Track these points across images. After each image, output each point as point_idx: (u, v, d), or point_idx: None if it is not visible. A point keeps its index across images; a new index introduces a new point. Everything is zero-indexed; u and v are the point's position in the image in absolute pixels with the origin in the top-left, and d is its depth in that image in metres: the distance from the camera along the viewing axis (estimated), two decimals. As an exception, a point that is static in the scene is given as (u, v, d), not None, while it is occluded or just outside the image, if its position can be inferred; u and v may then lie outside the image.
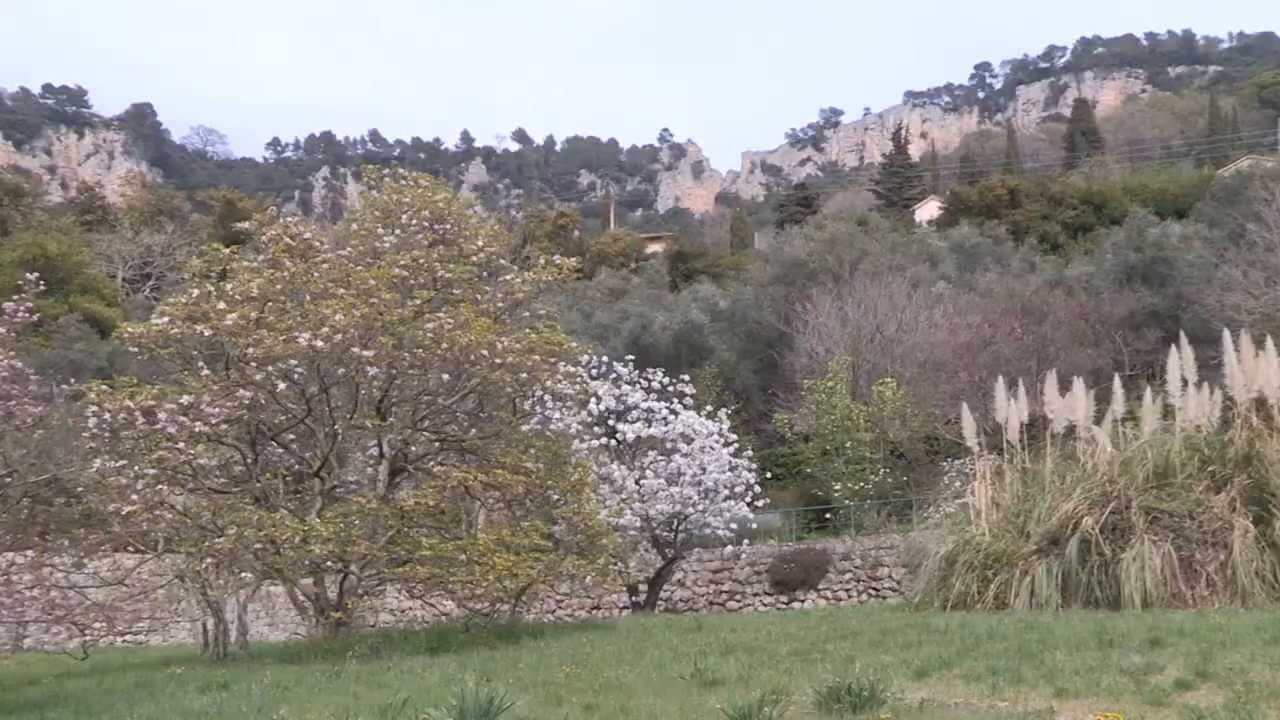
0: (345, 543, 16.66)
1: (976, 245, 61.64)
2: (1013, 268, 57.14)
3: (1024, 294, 48.44)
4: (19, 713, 12.90)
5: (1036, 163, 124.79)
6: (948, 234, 65.00)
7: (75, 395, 18.91)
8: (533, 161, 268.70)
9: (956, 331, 44.80)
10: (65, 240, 71.86)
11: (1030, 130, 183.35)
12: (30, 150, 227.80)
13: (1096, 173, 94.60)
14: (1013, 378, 22.28)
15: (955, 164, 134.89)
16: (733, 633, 14.95)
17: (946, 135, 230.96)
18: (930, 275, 54.19)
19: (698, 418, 25.16)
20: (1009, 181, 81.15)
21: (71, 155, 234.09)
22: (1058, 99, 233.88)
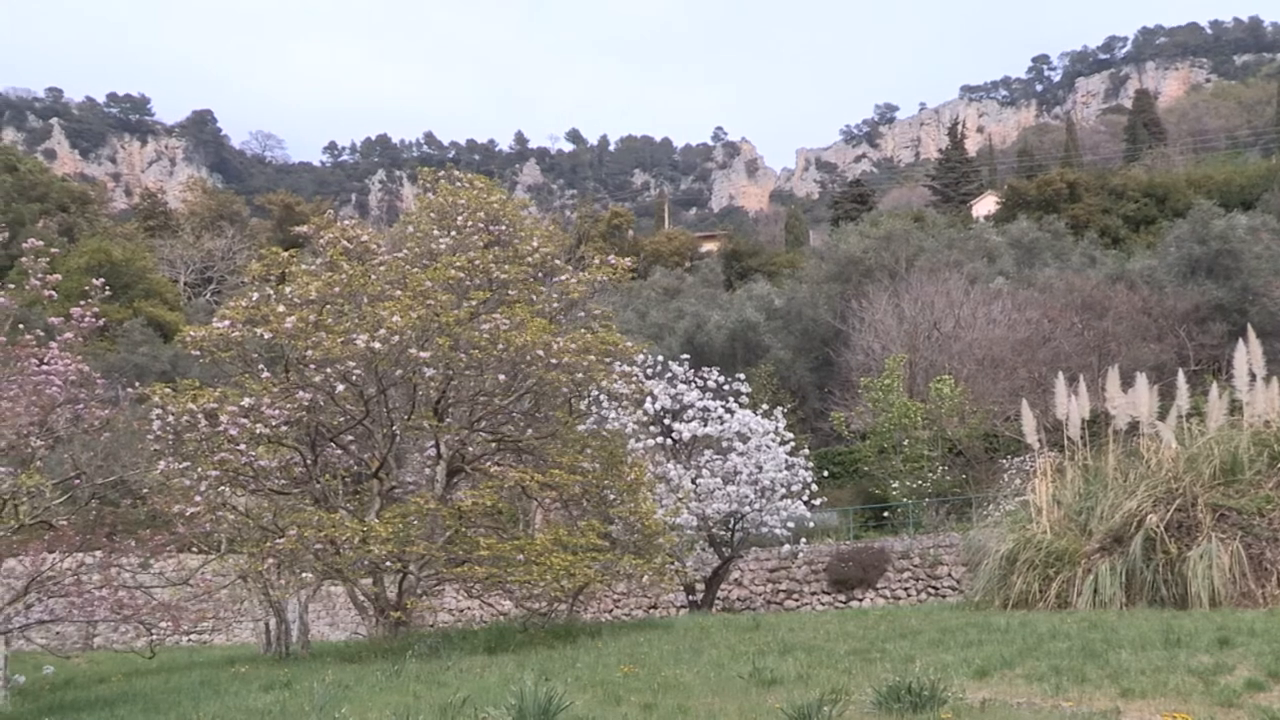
0: (404, 543, 16.78)
1: (1035, 240, 60.88)
2: (1072, 262, 56.38)
3: (1084, 289, 47.75)
4: (91, 709, 13.13)
5: (1096, 156, 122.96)
6: (1005, 229, 64.26)
7: (140, 398, 19.21)
8: (586, 161, 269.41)
9: (1015, 327, 44.27)
10: (129, 246, 73.13)
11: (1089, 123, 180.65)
12: (96, 158, 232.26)
13: (1159, 165, 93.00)
14: (1073, 374, 21.98)
15: (1012, 158, 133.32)
16: (791, 632, 14.86)
17: (1004, 129, 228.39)
18: (988, 271, 53.61)
19: (753, 416, 25.04)
20: (1068, 175, 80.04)
21: (135, 162, 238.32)
22: (1118, 90, 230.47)
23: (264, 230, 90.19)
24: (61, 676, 17.56)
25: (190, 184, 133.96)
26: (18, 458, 14.79)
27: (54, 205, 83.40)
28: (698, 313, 54.66)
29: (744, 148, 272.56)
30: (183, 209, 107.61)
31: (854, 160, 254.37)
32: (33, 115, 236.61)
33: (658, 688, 9.93)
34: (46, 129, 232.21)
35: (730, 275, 74.51)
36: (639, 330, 47.21)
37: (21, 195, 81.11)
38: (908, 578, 30.45)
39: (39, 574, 13.26)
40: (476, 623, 27.22)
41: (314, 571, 18.05)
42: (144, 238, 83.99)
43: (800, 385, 49.81)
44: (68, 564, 13.71)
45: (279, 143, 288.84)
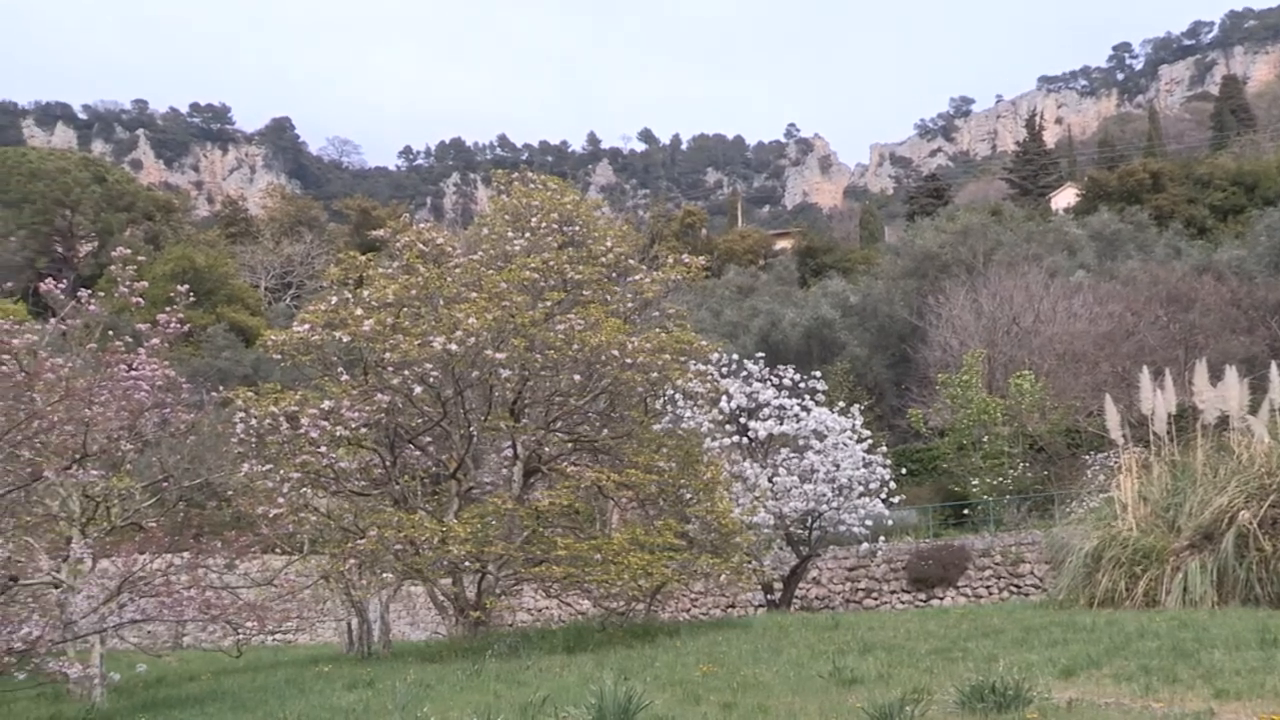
0: (482, 543, 16.90)
1: (1117, 232, 59.70)
2: (1156, 254, 55.19)
3: (1169, 280, 46.70)
4: (181, 706, 13.41)
5: (1181, 144, 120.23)
6: (1086, 221, 63.11)
7: (223, 402, 19.58)
8: (659, 161, 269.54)
9: (1097, 321, 43.44)
10: (212, 252, 74.61)
11: (1174, 111, 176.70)
12: (179, 167, 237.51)
13: (1248, 152, 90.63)
14: (1158, 367, 21.52)
15: (1093, 149, 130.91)
16: (870, 631, 14.73)
17: (1083, 120, 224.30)
18: (1068, 264, 52.68)
19: (830, 414, 24.85)
20: (1151, 165, 78.38)
21: (216, 170, 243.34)
22: (1204, 77, 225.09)
23: (341, 235, 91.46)
24: (154, 674, 17.95)
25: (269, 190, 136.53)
26: (109, 461, 15.16)
27: (140, 214, 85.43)
28: (772, 310, 54.39)
29: (817, 144, 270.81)
30: (262, 215, 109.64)
31: (929, 154, 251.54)
32: (120, 127, 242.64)
33: (737, 687, 9.89)
34: (133, 140, 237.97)
35: (805, 272, 74.07)
36: (713, 329, 47.10)
37: (110, 205, 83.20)
38: (989, 576, 30.00)
39: (130, 574, 13.56)
40: (555, 622, 27.35)
41: (394, 572, 18.26)
42: (226, 244, 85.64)
43: (877, 382, 49.35)
44: (157, 565, 14.01)
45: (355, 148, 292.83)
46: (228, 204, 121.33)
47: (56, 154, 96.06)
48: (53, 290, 14.07)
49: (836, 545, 29.07)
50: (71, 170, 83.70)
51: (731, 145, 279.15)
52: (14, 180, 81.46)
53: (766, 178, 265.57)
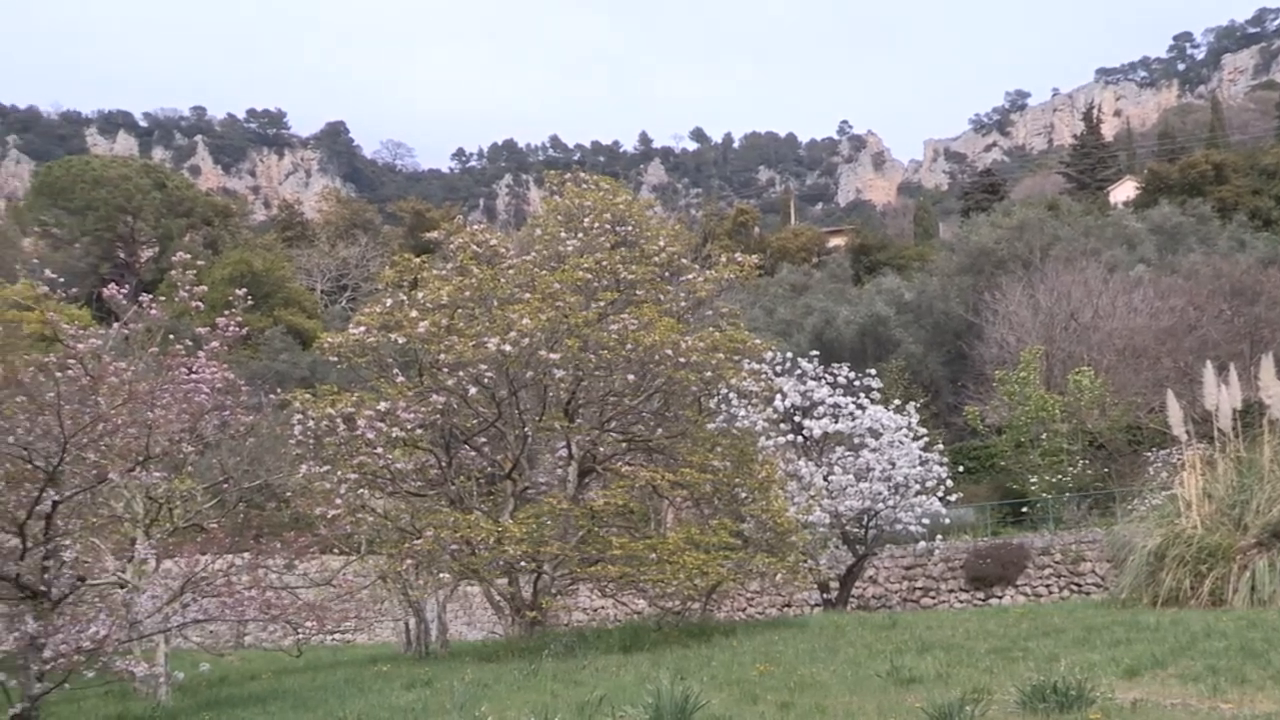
0: (538, 543, 16.96)
1: (1178, 225, 58.74)
2: (1219, 247, 54.23)
3: (1233, 274, 45.86)
4: (244, 705, 13.59)
5: (1245, 135, 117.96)
6: (1146, 215, 62.16)
7: (281, 404, 19.80)
8: (711, 160, 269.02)
9: (1158, 316, 42.77)
10: (269, 256, 75.50)
11: (1237, 101, 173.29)
12: (237, 172, 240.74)
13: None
14: (1222, 362, 21.13)
15: (1153, 141, 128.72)
16: (928, 630, 14.60)
17: (1143, 112, 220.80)
18: (1128, 258, 51.92)
19: (885, 412, 24.66)
20: (1214, 156, 77.01)
21: (273, 175, 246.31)
22: (1269, 65, 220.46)
23: (395, 237, 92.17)
24: (216, 673, 18.19)
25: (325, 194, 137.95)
26: (171, 463, 15.38)
27: (199, 219, 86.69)
28: (826, 308, 54.10)
29: (870, 140, 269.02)
30: (318, 219, 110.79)
31: (984, 150, 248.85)
32: (179, 133, 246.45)
33: (794, 686, 9.85)
34: (191, 146, 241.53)
35: (858, 270, 73.60)
36: (767, 327, 46.93)
37: (170, 211, 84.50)
38: (1049, 574, 29.64)
39: (193, 575, 13.75)
40: (611, 621, 27.39)
41: (451, 572, 18.37)
42: (282, 248, 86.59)
43: (932, 380, 48.92)
44: (219, 565, 14.19)
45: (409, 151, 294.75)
46: (284, 208, 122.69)
47: (118, 161, 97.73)
48: (116, 295, 14.30)
49: (893, 544, 28.87)
50: (133, 177, 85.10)
51: (784, 143, 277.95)
52: (78, 188, 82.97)
53: (819, 175, 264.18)
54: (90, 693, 16.83)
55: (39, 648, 11.80)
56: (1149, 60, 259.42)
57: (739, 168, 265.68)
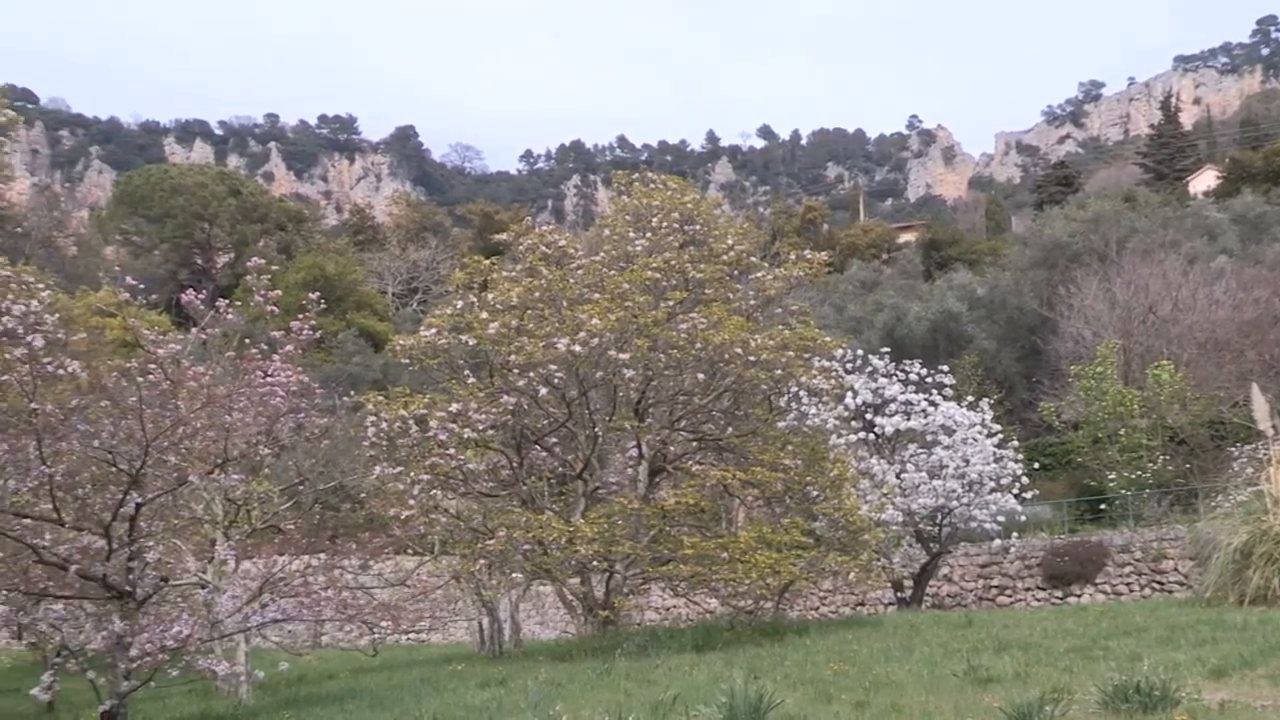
0: (609, 542, 17.00)
1: (1262, 214, 57.32)
2: (1305, 236, 52.85)
3: (1319, 264, 44.67)
4: (322, 704, 13.79)
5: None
6: (1228, 204, 60.77)
7: (355, 406, 20.07)
8: (778, 157, 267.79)
9: (1241, 308, 41.77)
10: (341, 260, 76.56)
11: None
12: (309, 178, 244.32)
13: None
14: (1309, 354, 20.58)
15: (1234, 129, 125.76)
16: (1005, 629, 14.41)
17: (1224, 99, 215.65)
18: (1209, 250, 50.77)
19: (958, 409, 24.37)
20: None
21: (344, 180, 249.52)
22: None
23: (465, 240, 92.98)
24: (295, 672, 18.47)
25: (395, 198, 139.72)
26: (248, 465, 15.65)
27: (273, 225, 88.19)
28: (897, 305, 53.59)
29: (940, 134, 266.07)
30: (389, 222, 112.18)
31: (1057, 142, 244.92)
32: (253, 140, 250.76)
33: (869, 686, 9.77)
34: (265, 153, 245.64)
35: (929, 265, 72.80)
36: (837, 325, 46.60)
37: (245, 217, 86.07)
38: (1129, 573, 29.09)
39: (271, 575, 13.99)
40: (683, 621, 27.36)
41: (523, 571, 18.48)
42: (354, 252, 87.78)
43: (1006, 376, 48.26)
44: (296, 566, 14.41)
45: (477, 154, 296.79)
46: (355, 212, 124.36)
47: (195, 169, 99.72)
48: (193, 301, 14.58)
49: (968, 542, 28.51)
50: (209, 184, 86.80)
51: (852, 139, 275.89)
52: (157, 196, 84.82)
53: (888, 171, 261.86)
54: (174, 691, 17.21)
55: (125, 646, 12.08)
56: (1230, 46, 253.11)
57: (807, 165, 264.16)
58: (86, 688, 13.70)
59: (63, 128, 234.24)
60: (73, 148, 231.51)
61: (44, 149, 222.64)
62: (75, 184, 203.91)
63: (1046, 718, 7.23)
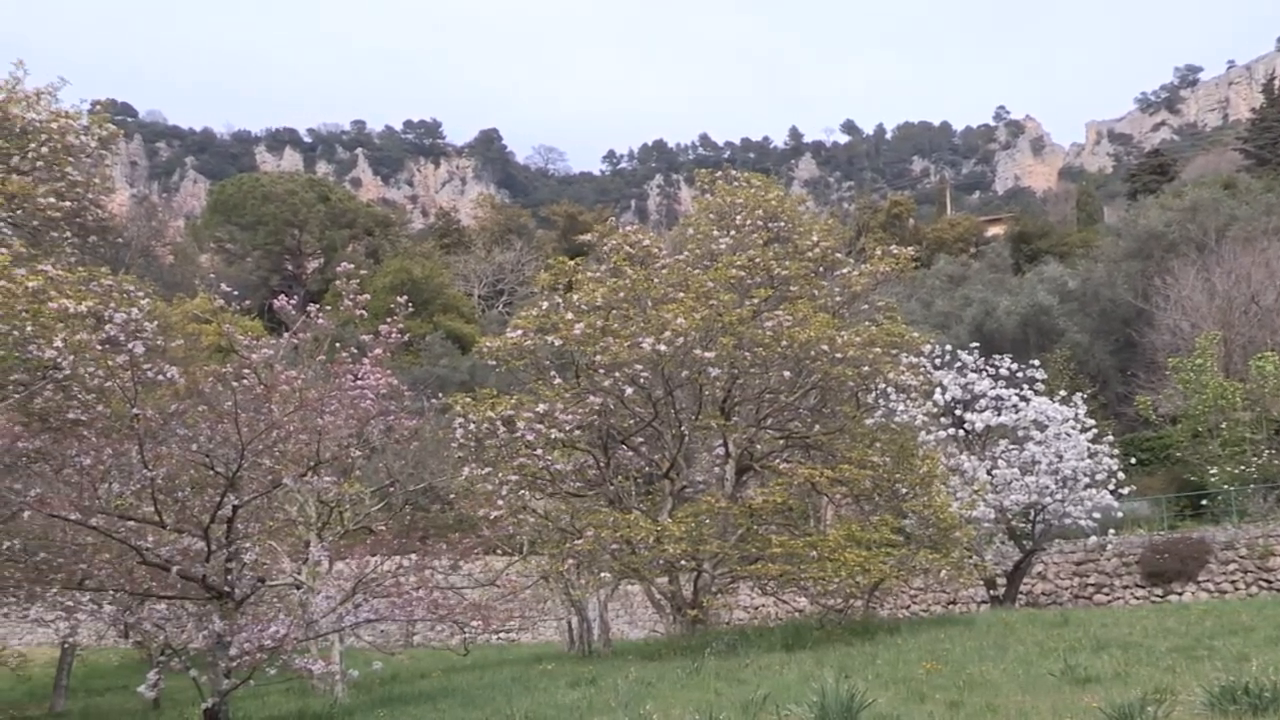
0: (697, 541, 16.98)
1: (1370, 199, 55.37)
2: None
3: None
4: (415, 702, 13.97)
5: None
6: (1333, 189, 58.76)
7: (443, 408, 20.30)
8: (862, 152, 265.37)
9: (1349, 296, 40.41)
10: (427, 264, 77.46)
11: None
12: (395, 183, 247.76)
13: None
14: None
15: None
16: (1103, 627, 14.10)
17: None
18: (1313, 236, 49.15)
19: (1050, 403, 23.91)
20: (1407, 124, 72.33)
21: (429, 184, 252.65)
22: None
23: (549, 241, 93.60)
24: (388, 671, 18.75)
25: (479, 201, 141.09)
26: (340, 467, 15.92)
27: (361, 230, 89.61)
28: (985, 299, 52.77)
29: (1028, 125, 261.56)
30: (474, 225, 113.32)
31: (1151, 129, 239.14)
32: (340, 147, 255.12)
33: (963, 685, 9.63)
34: (352, 159, 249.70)
35: (1018, 259, 71.56)
36: (924, 320, 46.05)
37: (333, 223, 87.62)
38: (1234, 570, 28.29)
39: (364, 575, 14.21)
40: (772, 620, 27.25)
41: (611, 571, 18.55)
42: (440, 255, 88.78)
43: (1100, 369, 47.27)
44: (387, 566, 14.62)
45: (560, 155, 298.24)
46: (441, 216, 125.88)
47: (285, 177, 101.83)
48: (285, 306, 14.86)
49: (1062, 539, 27.97)
50: (299, 191, 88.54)
51: (938, 132, 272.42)
52: (249, 204, 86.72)
53: (975, 163, 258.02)
54: (273, 689, 17.57)
55: (225, 645, 12.35)
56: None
57: (892, 159, 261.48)
58: (189, 685, 14.03)
59: (160, 139, 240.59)
60: (169, 159, 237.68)
61: (142, 161, 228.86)
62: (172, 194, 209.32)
63: (1149, 718, 7.05)
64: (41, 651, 28.83)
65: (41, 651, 28.83)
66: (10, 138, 16.29)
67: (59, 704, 22.81)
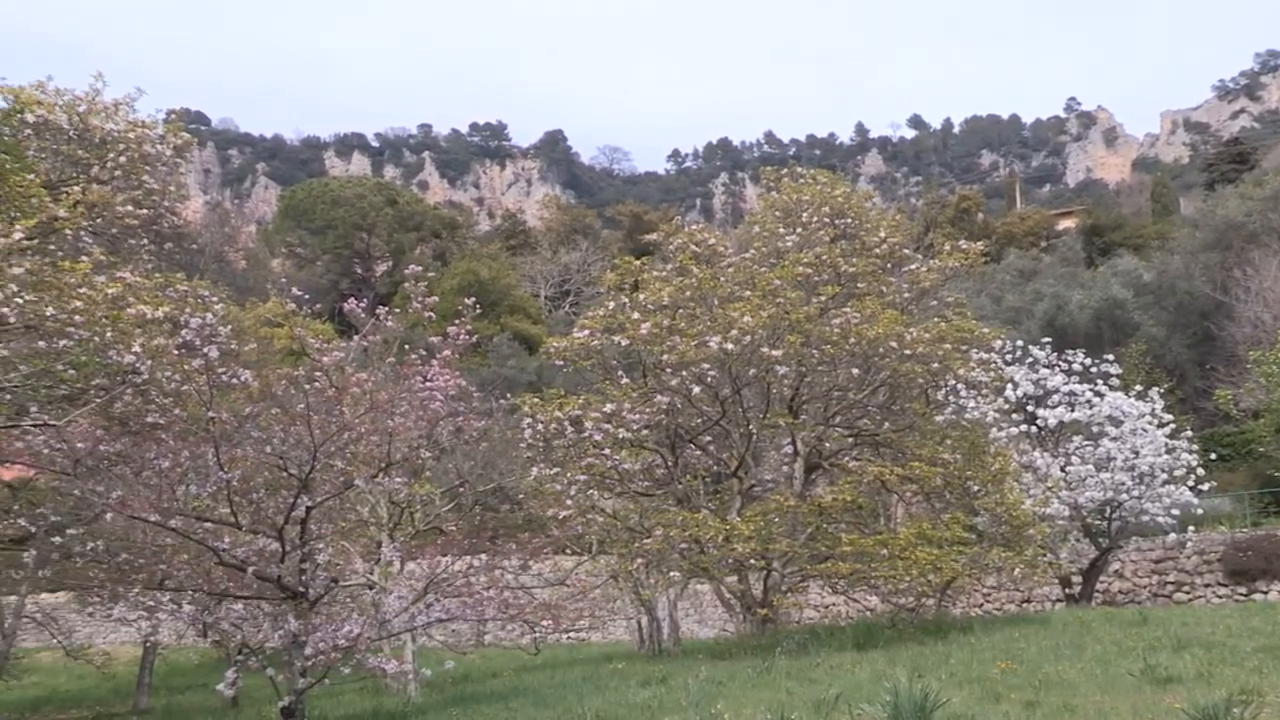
0: (766, 540, 16.92)
1: None
2: None
3: None
4: (488, 701, 14.08)
5: None
6: None
7: (511, 409, 20.43)
8: (930, 147, 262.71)
9: None
10: (494, 265, 78.01)
11: None
12: (461, 185, 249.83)
13: None
14: None
15: None
16: (1184, 627, 13.81)
17: None
18: (1407, 223, 47.78)
19: (1126, 399, 23.48)
20: None
21: (495, 186, 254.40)
22: None
23: (615, 241, 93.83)
24: (460, 671, 18.91)
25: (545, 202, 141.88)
26: (410, 468, 16.08)
27: (428, 232, 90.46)
28: (1057, 293, 51.97)
29: (1100, 116, 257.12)
30: (539, 226, 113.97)
31: (1230, 117, 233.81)
32: (408, 151, 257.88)
33: (1039, 684, 9.49)
34: (419, 162, 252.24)
35: (1091, 252, 70.40)
36: (994, 316, 45.48)
37: (401, 226, 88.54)
38: (1322, 568, 27.56)
39: (435, 576, 14.33)
40: (843, 618, 27.07)
41: (681, 570, 18.54)
42: (506, 256, 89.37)
43: (1177, 363, 46.36)
44: (458, 566, 14.73)
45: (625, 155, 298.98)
46: (507, 217, 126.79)
47: (354, 181, 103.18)
48: (355, 309, 15.05)
49: (1139, 536, 27.45)
50: (367, 195, 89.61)
51: (1006, 125, 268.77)
52: (319, 208, 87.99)
53: (1045, 156, 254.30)
54: (347, 688, 17.81)
55: (301, 645, 12.53)
56: None
57: (960, 153, 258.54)
58: (267, 684, 14.27)
59: (231, 147, 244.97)
60: (240, 165, 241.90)
61: (215, 168, 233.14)
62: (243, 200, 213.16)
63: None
64: (125, 650, 29.50)
65: (125, 650, 29.50)
66: (91, 148, 16.65)
67: (142, 701, 23.32)
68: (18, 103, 15.73)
